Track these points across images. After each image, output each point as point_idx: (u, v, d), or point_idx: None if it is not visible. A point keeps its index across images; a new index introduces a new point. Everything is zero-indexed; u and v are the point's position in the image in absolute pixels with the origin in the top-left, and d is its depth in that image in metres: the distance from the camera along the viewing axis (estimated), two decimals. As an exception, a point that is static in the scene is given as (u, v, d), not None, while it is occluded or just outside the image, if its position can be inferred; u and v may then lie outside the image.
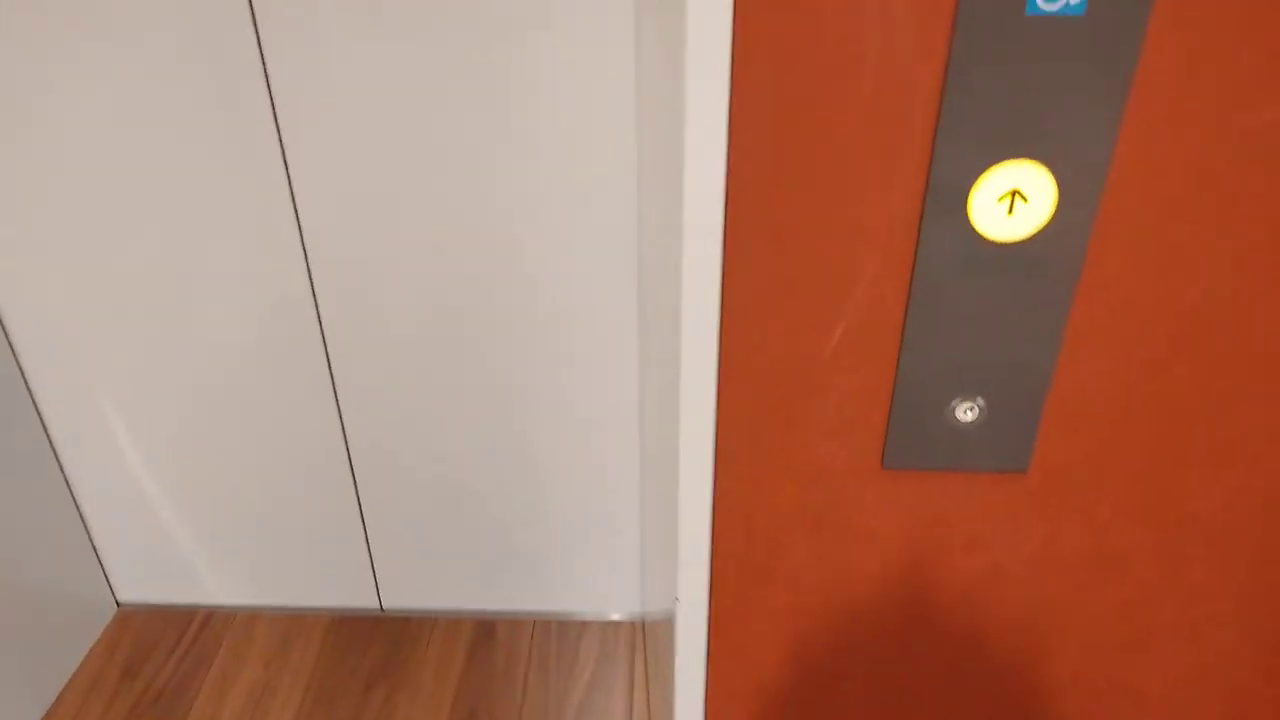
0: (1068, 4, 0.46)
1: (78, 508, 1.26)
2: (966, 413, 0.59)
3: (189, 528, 1.28)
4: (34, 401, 1.18)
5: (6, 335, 1.13)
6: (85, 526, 1.28)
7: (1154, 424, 0.59)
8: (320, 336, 1.12)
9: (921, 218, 0.53)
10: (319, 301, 1.09)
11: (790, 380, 0.58)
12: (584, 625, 1.32)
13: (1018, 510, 0.62)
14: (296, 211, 1.04)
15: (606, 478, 1.22)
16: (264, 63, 0.96)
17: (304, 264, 1.07)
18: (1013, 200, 0.52)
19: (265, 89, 0.97)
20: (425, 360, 1.13)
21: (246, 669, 1.26)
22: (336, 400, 1.17)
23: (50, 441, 1.21)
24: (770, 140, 0.50)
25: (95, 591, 1.31)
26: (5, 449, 1.12)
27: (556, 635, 1.30)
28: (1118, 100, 0.49)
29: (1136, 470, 0.60)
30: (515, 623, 1.32)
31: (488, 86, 0.96)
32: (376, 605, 1.34)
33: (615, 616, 1.33)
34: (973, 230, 0.53)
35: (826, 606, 0.68)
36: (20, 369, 1.15)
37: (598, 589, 1.31)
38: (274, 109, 0.98)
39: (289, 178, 1.02)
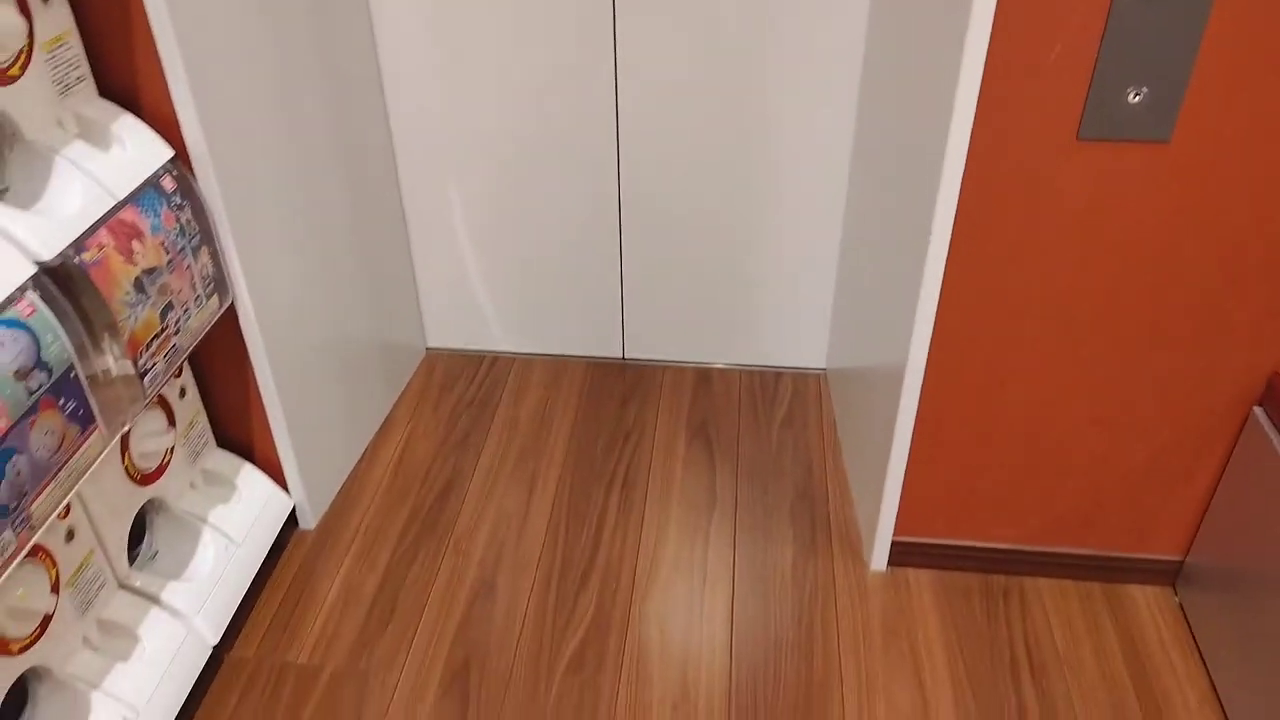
0: None
1: (413, 274, 1.68)
2: (1134, 97, 0.95)
3: (486, 287, 1.69)
4: (399, 185, 1.59)
5: (389, 126, 1.54)
6: (416, 287, 1.70)
7: (1253, 116, 0.94)
8: (615, 127, 1.51)
9: (1121, -38, 0.89)
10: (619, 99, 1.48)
11: (1018, 81, 0.95)
12: (779, 375, 1.71)
13: (1162, 168, 0.99)
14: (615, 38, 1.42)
15: (806, 260, 1.60)
16: None
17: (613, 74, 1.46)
18: (1178, -51, 0.87)
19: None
20: (687, 172, 1.52)
21: (531, 390, 1.68)
22: (618, 186, 1.56)
23: (405, 221, 1.62)
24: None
25: (413, 339, 1.74)
26: (375, 235, 1.53)
27: (759, 380, 1.70)
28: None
29: (1246, 146, 0.96)
30: (726, 371, 1.72)
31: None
32: (620, 355, 1.74)
33: (804, 366, 1.72)
34: (1152, -31, 0.89)
35: (1033, 248, 1.05)
36: (394, 157, 1.56)
37: (790, 347, 1.70)
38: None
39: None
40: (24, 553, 0.86)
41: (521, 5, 1.42)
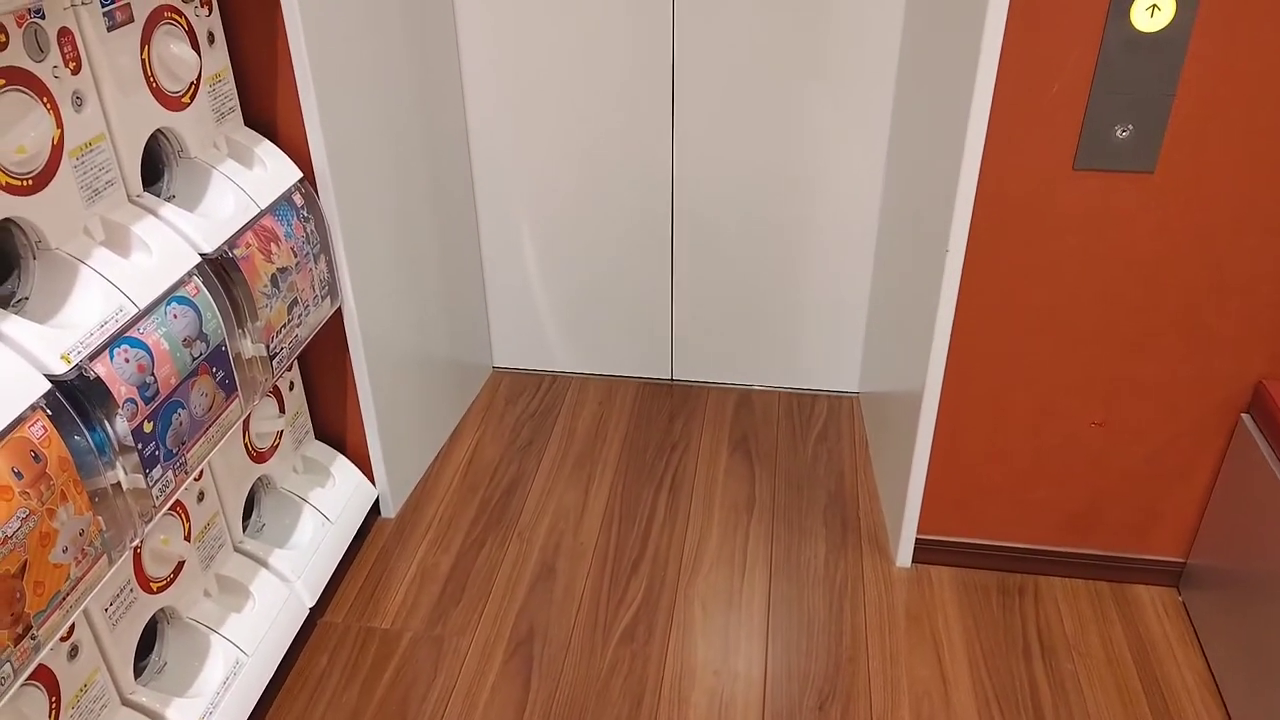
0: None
1: (485, 299, 1.87)
2: (1122, 133, 1.11)
3: (548, 313, 1.88)
4: (477, 219, 1.79)
5: (470, 165, 1.74)
6: (486, 311, 1.88)
7: (1226, 149, 1.10)
8: (670, 155, 1.70)
9: (1105, 19, 1.06)
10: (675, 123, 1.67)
11: (1025, 115, 1.12)
12: (815, 396, 1.87)
13: (1148, 194, 1.14)
14: (674, 55, 1.62)
15: (842, 290, 1.76)
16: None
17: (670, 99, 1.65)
18: (1153, 9, 1.04)
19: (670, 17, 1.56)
20: (733, 212, 1.70)
21: (587, 405, 1.84)
22: (672, 220, 1.74)
23: (480, 250, 1.81)
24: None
25: (482, 358, 1.92)
26: (455, 262, 1.72)
27: (796, 401, 1.85)
28: (1208, -45, 1.01)
29: (1223, 176, 1.12)
30: (766, 392, 1.88)
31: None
32: (669, 376, 1.91)
33: (839, 390, 1.87)
34: (1131, 25, 1.06)
35: (1036, 267, 1.21)
36: (474, 193, 1.76)
37: (826, 371, 1.85)
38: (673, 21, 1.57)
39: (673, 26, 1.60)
40: (179, 493, 1.04)
41: (589, 64, 1.62)
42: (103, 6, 0.98)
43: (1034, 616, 1.40)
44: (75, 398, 0.88)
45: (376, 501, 1.57)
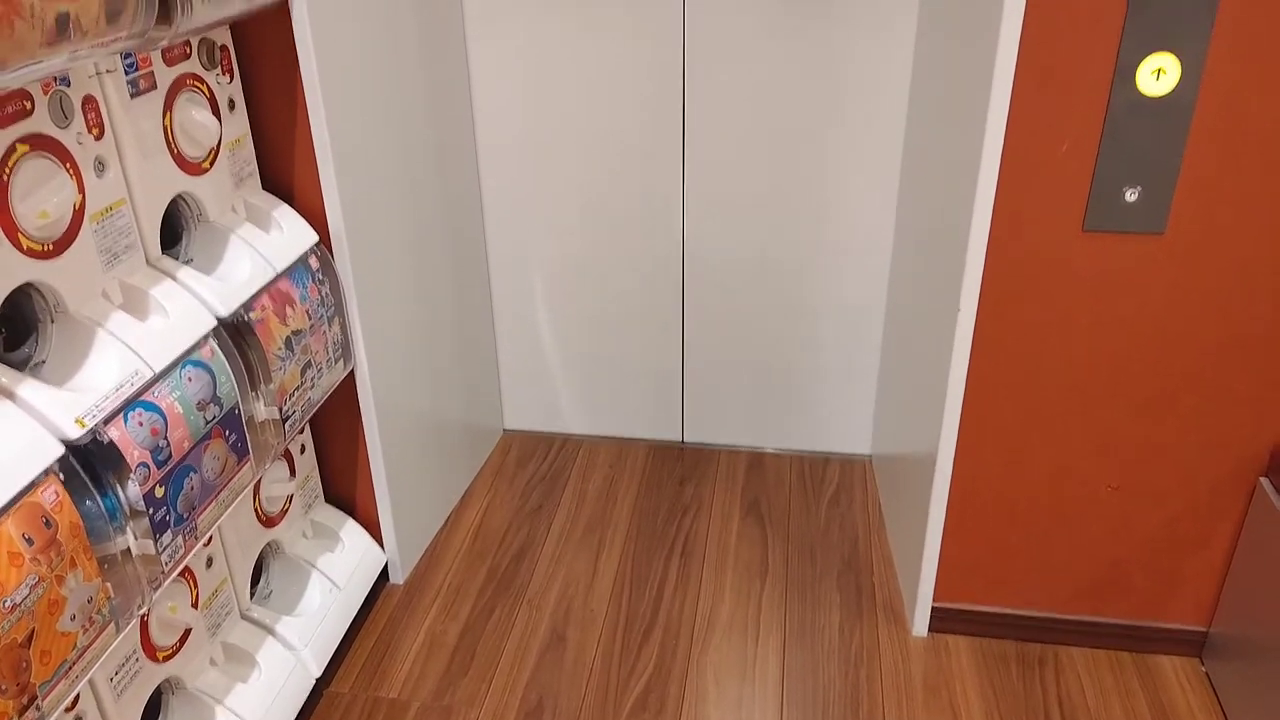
0: (1187, -22, 1.01)
1: (497, 362, 1.87)
2: (1131, 195, 1.12)
3: (559, 377, 1.87)
4: (490, 286, 1.80)
5: (484, 234, 1.75)
6: (498, 374, 1.88)
7: (1237, 209, 1.11)
8: (681, 226, 1.71)
9: (1111, 84, 1.07)
10: (685, 202, 1.69)
11: (1029, 181, 1.13)
12: (827, 459, 1.85)
13: (1159, 256, 1.15)
14: (684, 106, 1.64)
15: (852, 354, 1.76)
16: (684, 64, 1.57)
17: (680, 158, 1.67)
18: (1159, 73, 1.06)
19: (681, 65, 1.59)
20: (743, 276, 1.71)
21: (598, 468, 1.83)
22: (683, 283, 1.75)
23: (493, 315, 1.82)
24: (1040, 58, 1.06)
25: (493, 420, 1.91)
26: (468, 327, 1.73)
27: (809, 464, 1.84)
28: (1208, 29, 1.03)
29: (1234, 236, 1.12)
30: (778, 455, 1.87)
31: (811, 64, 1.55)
32: (679, 439, 1.90)
33: (851, 453, 1.85)
34: (1137, 90, 1.07)
35: (1048, 327, 1.21)
36: (488, 261, 1.77)
37: (838, 434, 1.84)
38: (684, 65, 1.59)
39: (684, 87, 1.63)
40: (187, 559, 1.02)
41: (600, 130, 1.65)
42: (127, 74, 1.00)
43: (1055, 687, 1.37)
44: (88, 462, 0.88)
45: (385, 567, 1.55)
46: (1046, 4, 1.05)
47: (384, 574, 1.56)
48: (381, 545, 1.53)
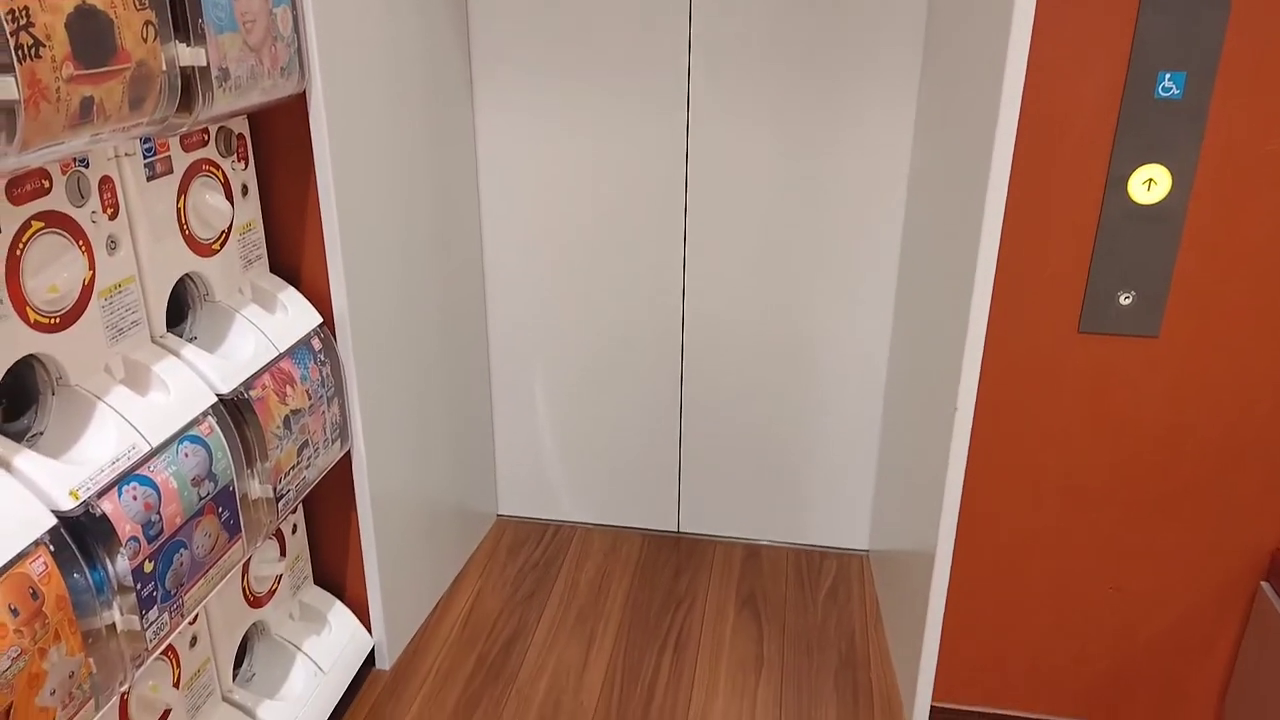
0: (1173, 91, 1.05)
1: (493, 448, 1.87)
2: (1125, 299, 1.14)
3: (556, 465, 1.87)
4: (490, 373, 1.81)
5: (487, 322, 1.78)
6: (494, 460, 1.88)
7: (1232, 313, 1.12)
8: (680, 332, 1.73)
9: (1104, 193, 1.10)
10: (686, 297, 1.71)
11: (1024, 282, 1.15)
12: (824, 554, 1.84)
13: (1154, 358, 1.16)
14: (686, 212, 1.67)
15: (849, 450, 1.76)
16: (687, 131, 1.62)
17: (680, 268, 1.70)
18: (1150, 183, 1.09)
19: (684, 136, 1.63)
20: (741, 372, 1.73)
21: (591, 557, 1.81)
22: (681, 374, 1.76)
23: (491, 401, 1.83)
24: (1036, 167, 1.10)
25: (487, 506, 1.90)
26: (466, 411, 1.74)
27: (805, 558, 1.82)
28: (1198, 142, 1.06)
29: (1230, 339, 1.14)
30: (774, 548, 1.85)
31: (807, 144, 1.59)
32: (675, 529, 1.88)
33: (848, 547, 1.84)
34: (1129, 198, 1.10)
35: (1046, 427, 1.21)
36: (488, 349, 1.79)
37: (835, 529, 1.83)
38: (687, 148, 1.63)
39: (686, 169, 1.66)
40: (171, 637, 1.01)
41: (601, 223, 1.68)
42: (145, 158, 1.03)
43: (1056, 795, 1.33)
44: (79, 534, 0.87)
45: (372, 651, 1.52)
46: (1041, 116, 1.08)
47: (370, 659, 1.53)
48: (369, 629, 1.51)
